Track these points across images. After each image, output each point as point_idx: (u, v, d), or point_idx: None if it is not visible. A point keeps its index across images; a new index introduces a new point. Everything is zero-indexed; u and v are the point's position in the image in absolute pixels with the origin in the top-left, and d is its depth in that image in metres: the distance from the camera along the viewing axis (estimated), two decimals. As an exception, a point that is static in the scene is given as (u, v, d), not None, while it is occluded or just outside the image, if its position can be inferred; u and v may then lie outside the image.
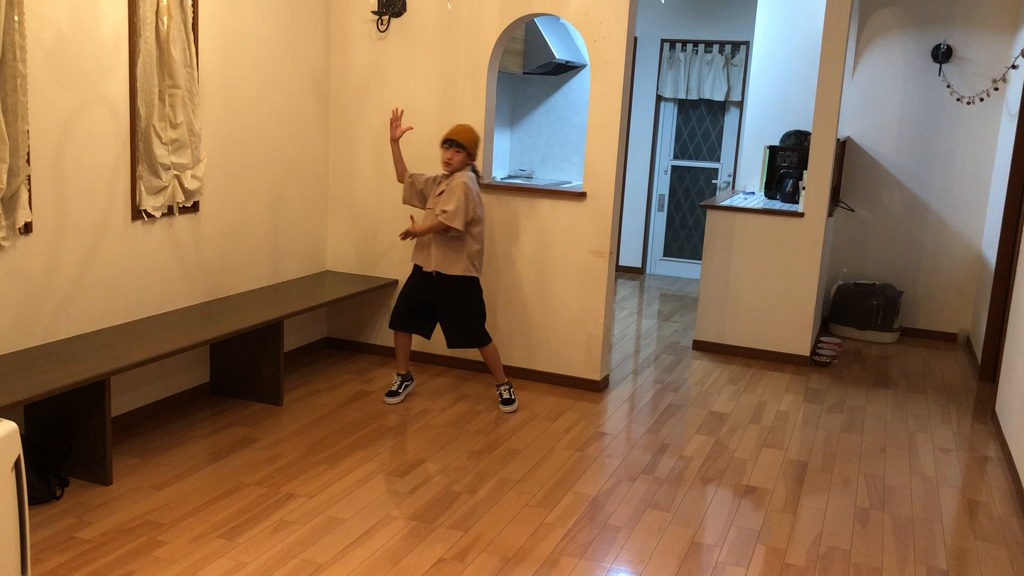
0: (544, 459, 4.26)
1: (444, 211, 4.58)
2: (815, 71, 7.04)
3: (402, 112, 4.82)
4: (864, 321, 6.95)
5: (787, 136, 7.13)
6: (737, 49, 8.60)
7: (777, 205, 6.42)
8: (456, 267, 4.70)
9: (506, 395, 4.92)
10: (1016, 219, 5.79)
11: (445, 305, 4.80)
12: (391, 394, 4.94)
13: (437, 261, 4.69)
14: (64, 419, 3.76)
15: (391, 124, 4.77)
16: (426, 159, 5.43)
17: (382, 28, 5.41)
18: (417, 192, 4.84)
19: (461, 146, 4.64)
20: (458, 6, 5.24)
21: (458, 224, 4.57)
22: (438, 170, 5.45)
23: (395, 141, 4.79)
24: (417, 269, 4.83)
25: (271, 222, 5.20)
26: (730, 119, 8.84)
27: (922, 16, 6.89)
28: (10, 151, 3.45)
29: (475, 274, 4.77)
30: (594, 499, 3.86)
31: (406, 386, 5.00)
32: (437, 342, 5.56)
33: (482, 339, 4.86)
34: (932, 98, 6.96)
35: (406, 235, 4.62)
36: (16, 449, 2.50)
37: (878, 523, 3.78)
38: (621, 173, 5.21)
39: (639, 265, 9.28)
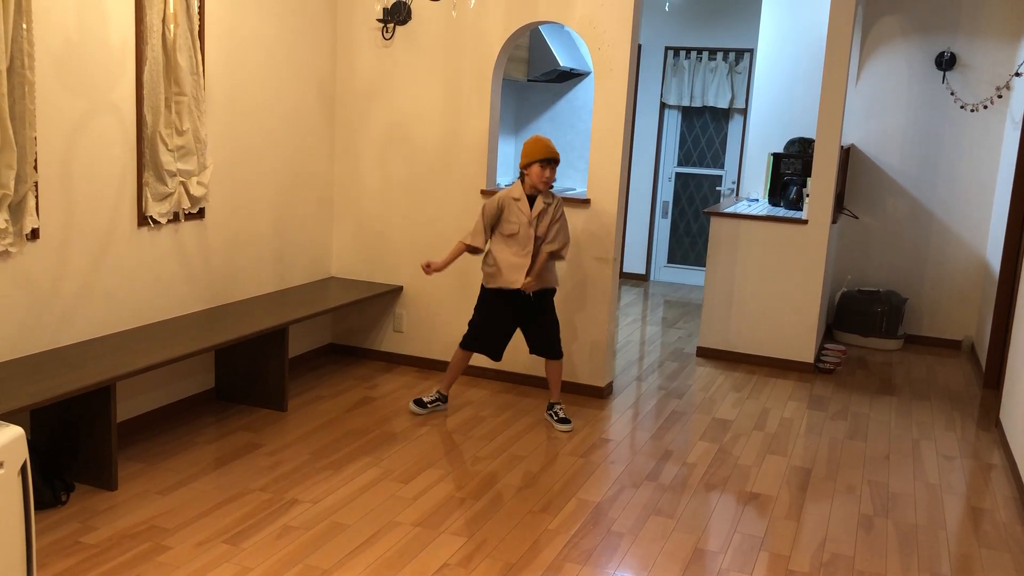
0: (548, 465, 4.27)
1: (566, 243, 4.73)
2: (819, 78, 7.05)
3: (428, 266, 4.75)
4: (868, 328, 6.94)
5: (791, 143, 7.14)
6: (741, 56, 8.62)
7: (781, 212, 6.42)
8: (553, 279, 4.82)
9: (562, 414, 4.83)
10: (1020, 226, 5.79)
11: (542, 319, 4.82)
12: (419, 403, 4.87)
13: (544, 280, 4.75)
14: (70, 424, 3.77)
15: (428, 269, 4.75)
16: (431, 168, 5.44)
17: (387, 36, 5.44)
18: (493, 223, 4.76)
19: (557, 162, 4.65)
20: (463, 14, 5.26)
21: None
22: (449, 180, 5.47)
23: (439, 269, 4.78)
24: (501, 293, 4.74)
25: (276, 228, 5.22)
26: (734, 126, 8.85)
27: (926, 23, 6.90)
28: (18, 157, 3.47)
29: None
30: (598, 505, 3.86)
31: (437, 405, 4.91)
32: (437, 348, 5.57)
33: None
34: (936, 105, 6.97)
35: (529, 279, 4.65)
36: (22, 454, 2.51)
37: (882, 530, 3.78)
38: (625, 180, 5.22)
39: (643, 272, 9.29)
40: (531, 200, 4.66)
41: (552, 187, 4.73)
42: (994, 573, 3.47)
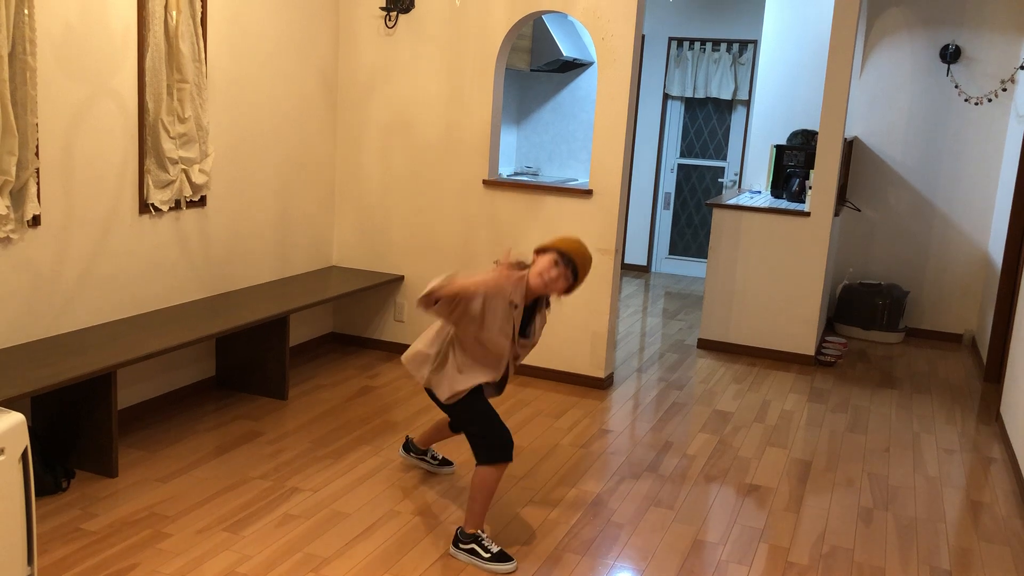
0: (548, 456, 4.27)
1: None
2: (823, 70, 7.03)
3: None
4: (869, 321, 6.94)
5: (794, 135, 7.12)
6: (745, 48, 8.59)
7: (783, 204, 6.41)
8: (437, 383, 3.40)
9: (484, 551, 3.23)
10: (1023, 220, 5.78)
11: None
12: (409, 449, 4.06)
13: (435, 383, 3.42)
14: (70, 411, 3.77)
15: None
16: (433, 157, 5.43)
17: (390, 24, 5.42)
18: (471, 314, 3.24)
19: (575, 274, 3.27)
20: (466, 2, 5.24)
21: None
22: (451, 170, 5.45)
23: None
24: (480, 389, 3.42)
25: (278, 217, 5.21)
26: (737, 118, 8.82)
27: (930, 16, 6.87)
28: (19, 144, 3.46)
29: None
30: (597, 496, 3.86)
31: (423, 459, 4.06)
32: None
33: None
34: (940, 98, 6.95)
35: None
36: (23, 440, 2.52)
37: (881, 523, 3.79)
38: (628, 171, 5.21)
39: (645, 263, 9.28)
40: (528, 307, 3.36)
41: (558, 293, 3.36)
42: (993, 567, 3.47)
